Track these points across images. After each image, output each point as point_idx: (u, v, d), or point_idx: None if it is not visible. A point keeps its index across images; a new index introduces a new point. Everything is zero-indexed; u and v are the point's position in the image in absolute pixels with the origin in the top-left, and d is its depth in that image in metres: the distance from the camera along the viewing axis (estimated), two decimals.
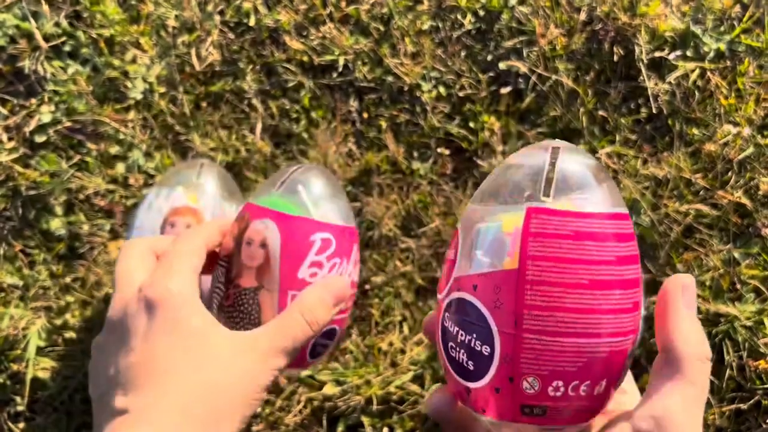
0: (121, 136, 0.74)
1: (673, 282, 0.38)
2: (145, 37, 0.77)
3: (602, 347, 0.34)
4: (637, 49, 0.71)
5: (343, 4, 0.77)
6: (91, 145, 0.74)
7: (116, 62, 0.76)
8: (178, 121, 0.75)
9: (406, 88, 0.74)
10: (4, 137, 0.74)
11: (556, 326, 0.34)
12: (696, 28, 0.72)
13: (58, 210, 0.73)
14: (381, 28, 0.76)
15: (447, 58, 0.75)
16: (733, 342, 0.64)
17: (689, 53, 0.72)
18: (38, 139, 0.74)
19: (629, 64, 0.72)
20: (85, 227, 0.73)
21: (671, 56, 0.71)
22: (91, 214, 0.73)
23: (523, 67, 0.73)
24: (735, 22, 0.72)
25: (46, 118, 0.74)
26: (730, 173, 0.68)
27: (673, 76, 0.71)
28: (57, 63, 0.75)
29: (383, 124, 0.74)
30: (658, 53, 0.71)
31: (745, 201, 0.67)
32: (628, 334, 0.36)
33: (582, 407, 0.36)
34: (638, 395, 0.46)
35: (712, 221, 0.68)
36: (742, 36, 0.71)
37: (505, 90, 0.73)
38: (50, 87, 0.74)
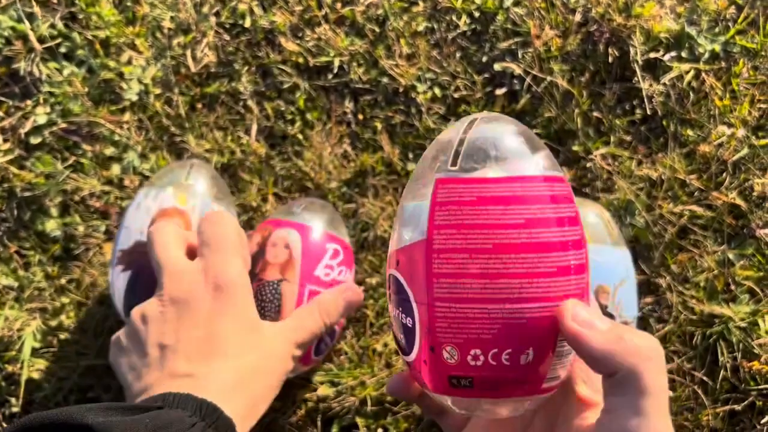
0: (116, 137, 0.74)
1: (558, 316, 0.34)
2: (140, 38, 0.77)
3: (519, 313, 0.33)
4: (631, 51, 0.72)
5: (338, 5, 0.77)
6: (86, 147, 0.74)
7: (112, 64, 0.76)
8: (173, 122, 0.75)
9: (401, 90, 0.74)
10: None
11: (465, 293, 0.33)
12: (691, 30, 0.72)
13: (54, 211, 0.73)
14: (376, 29, 0.76)
15: (442, 59, 0.75)
16: (728, 343, 0.64)
17: (684, 54, 0.72)
18: (33, 140, 0.74)
19: (624, 65, 0.72)
20: (81, 228, 0.73)
21: (666, 57, 0.71)
22: (87, 216, 0.73)
23: (518, 69, 0.73)
24: (730, 24, 0.72)
25: (41, 119, 0.74)
26: (724, 174, 0.68)
27: (667, 78, 0.71)
28: (52, 64, 0.75)
29: (378, 125, 0.74)
30: (652, 54, 0.72)
31: (739, 202, 0.67)
32: (556, 299, 0.34)
33: (511, 378, 0.34)
34: None
35: (707, 222, 0.68)
36: (737, 37, 0.71)
37: (500, 91, 0.73)
38: (45, 88, 0.75)
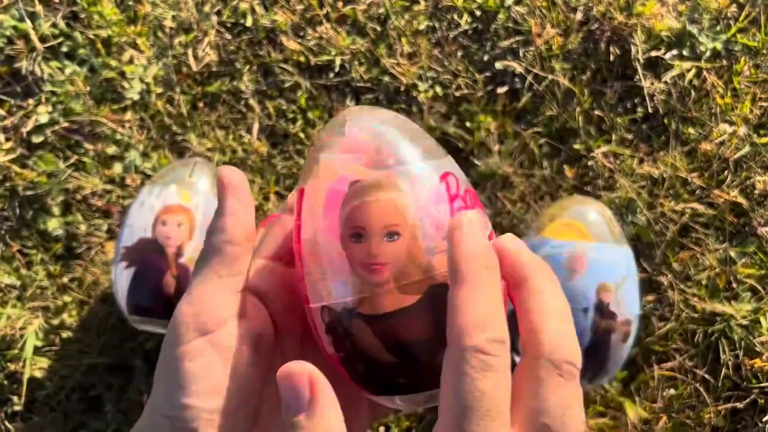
0: (118, 136, 0.74)
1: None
2: (142, 37, 0.77)
3: None
4: (633, 49, 0.72)
5: (339, 4, 0.77)
6: (88, 146, 0.74)
7: (113, 63, 0.76)
8: (175, 121, 0.75)
9: (402, 88, 0.74)
10: (2, 138, 0.74)
11: None
12: (692, 28, 0.72)
13: (56, 210, 0.73)
14: (378, 28, 0.76)
15: (443, 58, 0.75)
16: (729, 341, 0.64)
17: (685, 53, 0.72)
18: (35, 139, 0.74)
19: (625, 63, 0.72)
20: (83, 227, 0.73)
21: (667, 56, 0.71)
22: (89, 214, 0.73)
23: (519, 67, 0.73)
24: (731, 22, 0.72)
25: (43, 118, 0.74)
26: (726, 172, 0.68)
27: (669, 76, 0.71)
28: (54, 64, 0.75)
29: None
30: (654, 53, 0.72)
31: (741, 200, 0.67)
32: None
33: None
34: None
35: (708, 220, 0.68)
36: (738, 35, 0.71)
37: (502, 90, 0.73)
38: (47, 87, 0.75)
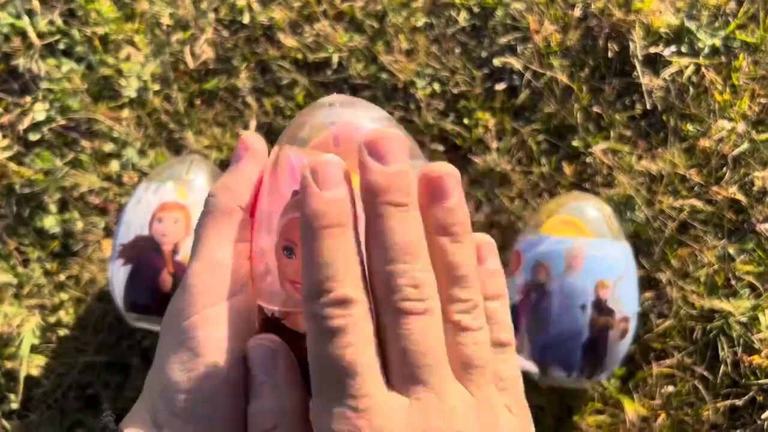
0: (115, 133, 0.74)
1: None
2: (139, 35, 0.77)
3: None
4: (631, 45, 0.71)
5: (337, 1, 0.77)
6: (85, 143, 0.74)
7: (110, 60, 0.76)
8: (172, 118, 0.75)
9: (400, 85, 0.74)
10: None
11: None
12: (690, 24, 0.71)
13: (53, 208, 0.73)
14: (375, 25, 0.76)
15: (441, 55, 0.75)
16: (728, 338, 0.64)
17: (684, 49, 0.71)
18: (32, 137, 0.74)
19: (624, 60, 0.72)
20: (80, 225, 0.72)
21: (666, 52, 0.71)
22: (86, 212, 0.73)
23: (517, 64, 0.73)
24: (730, 18, 0.72)
25: (40, 116, 0.74)
26: (724, 169, 0.68)
27: (667, 72, 0.71)
28: (51, 61, 0.75)
29: None
30: (652, 49, 0.71)
31: (739, 197, 0.67)
32: None
33: None
34: None
35: (707, 217, 0.68)
36: (737, 32, 0.71)
37: (500, 86, 0.73)
38: (44, 85, 0.74)
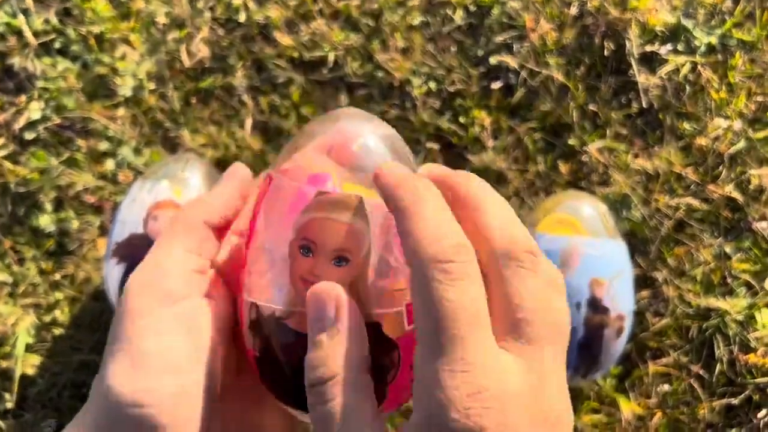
0: (110, 132, 0.74)
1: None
2: (135, 33, 0.77)
3: None
4: (627, 44, 0.71)
5: None
6: (80, 142, 0.74)
7: (106, 59, 0.75)
8: (167, 117, 0.75)
9: (396, 84, 0.74)
10: None
11: None
12: (687, 22, 0.71)
13: (48, 206, 0.73)
14: (371, 23, 0.76)
15: (437, 53, 0.75)
16: (724, 336, 0.64)
17: (680, 47, 0.71)
18: (28, 135, 0.74)
19: (620, 58, 0.72)
20: (75, 224, 0.72)
21: (662, 50, 0.71)
22: (81, 211, 0.73)
23: (513, 62, 0.73)
24: (726, 16, 0.72)
25: (35, 114, 0.74)
26: (721, 167, 0.68)
27: (663, 71, 0.70)
28: (47, 60, 0.75)
29: None
30: (648, 47, 0.71)
31: (736, 195, 0.67)
32: None
33: None
34: None
35: (703, 215, 0.67)
36: (734, 30, 0.71)
37: (496, 85, 0.73)
38: (40, 84, 0.74)
